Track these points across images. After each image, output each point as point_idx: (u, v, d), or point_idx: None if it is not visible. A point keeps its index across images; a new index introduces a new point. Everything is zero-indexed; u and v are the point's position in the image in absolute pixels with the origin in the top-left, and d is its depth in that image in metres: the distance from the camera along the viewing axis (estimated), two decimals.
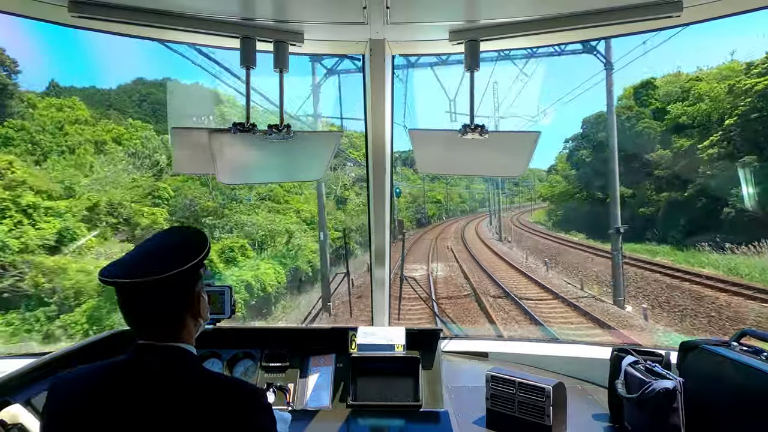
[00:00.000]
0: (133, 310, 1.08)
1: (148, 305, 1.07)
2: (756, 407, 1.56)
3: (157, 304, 1.08)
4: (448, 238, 34.92)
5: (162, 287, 1.06)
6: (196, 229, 1.22)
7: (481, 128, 1.80)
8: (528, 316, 12.12)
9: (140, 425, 0.99)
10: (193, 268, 1.10)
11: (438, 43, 1.90)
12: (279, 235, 20.96)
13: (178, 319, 1.12)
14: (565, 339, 5.82)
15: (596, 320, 11.55)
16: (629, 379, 1.84)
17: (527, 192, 65.09)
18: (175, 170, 2.36)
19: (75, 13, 1.58)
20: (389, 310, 2.72)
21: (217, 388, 1.06)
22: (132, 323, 1.09)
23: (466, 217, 61.21)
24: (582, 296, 14.51)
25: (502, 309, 13.15)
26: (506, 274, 18.49)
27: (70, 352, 2.01)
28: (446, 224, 49.92)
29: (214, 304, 2.17)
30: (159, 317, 1.09)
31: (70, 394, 1.05)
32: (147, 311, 1.08)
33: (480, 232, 38.19)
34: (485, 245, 29.14)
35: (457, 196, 71.35)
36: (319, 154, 2.05)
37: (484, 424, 1.96)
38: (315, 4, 1.62)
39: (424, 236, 34.83)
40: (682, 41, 61.81)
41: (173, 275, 1.05)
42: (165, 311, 1.09)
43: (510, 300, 14.04)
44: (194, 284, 1.15)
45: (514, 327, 11.57)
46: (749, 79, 21.80)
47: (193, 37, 1.85)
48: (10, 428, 1.51)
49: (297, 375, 2.23)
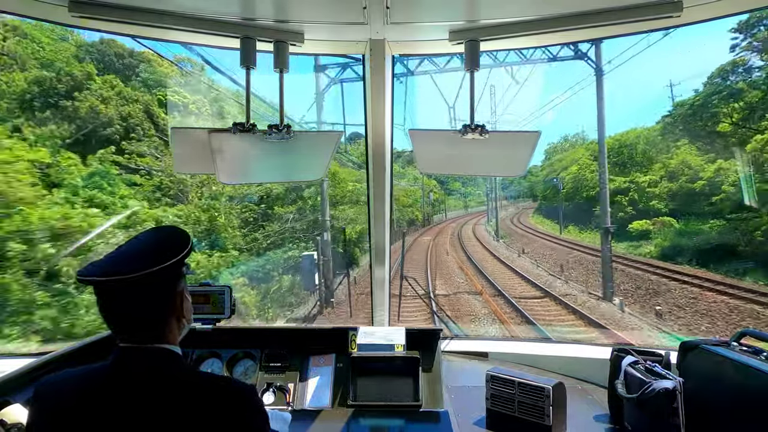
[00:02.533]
0: (111, 311, 1.05)
1: (126, 306, 1.04)
2: (756, 407, 1.56)
3: (136, 305, 1.04)
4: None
5: (139, 286, 1.02)
6: (177, 227, 1.18)
7: (482, 128, 1.80)
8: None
9: (127, 429, 0.97)
10: (173, 266, 1.06)
11: (438, 43, 1.90)
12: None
13: (159, 320, 1.08)
14: (565, 339, 5.82)
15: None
16: (629, 379, 1.84)
17: (525, 190, 65.20)
18: (176, 170, 2.36)
19: (75, 13, 1.58)
20: (389, 309, 2.72)
21: (205, 387, 1.05)
22: (111, 325, 1.05)
23: (463, 217, 61.49)
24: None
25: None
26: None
27: (69, 352, 2.01)
28: (444, 224, 49.89)
29: (213, 304, 2.17)
30: (138, 318, 1.05)
31: (54, 400, 1.03)
32: (125, 312, 1.04)
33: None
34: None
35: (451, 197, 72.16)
36: (319, 153, 2.05)
37: (484, 424, 1.96)
38: (315, 4, 1.62)
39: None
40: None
41: (150, 274, 1.01)
42: (144, 312, 1.06)
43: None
44: (175, 284, 1.11)
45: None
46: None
47: (193, 37, 1.85)
48: (10, 428, 1.51)
49: (297, 375, 2.23)
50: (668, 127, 24.66)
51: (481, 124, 1.80)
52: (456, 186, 70.92)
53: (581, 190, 31.30)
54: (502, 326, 11.68)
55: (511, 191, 65.36)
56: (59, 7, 1.60)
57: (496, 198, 40.65)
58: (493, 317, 12.52)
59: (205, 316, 2.14)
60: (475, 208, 65.71)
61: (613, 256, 14.98)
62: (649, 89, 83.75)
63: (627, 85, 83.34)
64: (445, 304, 13.69)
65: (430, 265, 20.30)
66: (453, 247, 27.01)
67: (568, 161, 40.60)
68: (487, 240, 31.36)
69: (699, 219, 20.16)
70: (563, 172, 38.03)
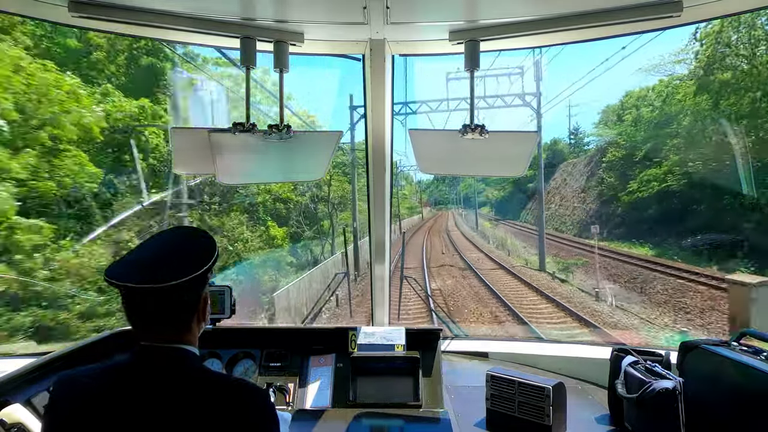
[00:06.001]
0: (141, 313, 1.07)
1: (157, 308, 1.06)
2: (756, 407, 1.56)
3: (166, 308, 1.07)
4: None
5: (174, 292, 1.05)
6: (206, 232, 1.21)
7: (481, 128, 1.80)
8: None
9: (146, 427, 0.99)
10: (204, 273, 1.10)
11: (438, 43, 1.90)
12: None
13: (184, 322, 1.11)
14: (565, 339, 5.82)
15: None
16: (629, 379, 1.84)
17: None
18: (175, 170, 2.35)
19: (75, 13, 1.58)
20: (389, 307, 2.72)
21: (221, 388, 1.06)
22: (137, 324, 1.08)
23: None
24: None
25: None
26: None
27: (70, 352, 2.01)
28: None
29: (214, 304, 2.17)
30: (166, 320, 1.08)
31: (74, 395, 1.04)
32: (155, 314, 1.07)
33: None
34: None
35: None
36: (319, 154, 2.05)
37: (484, 425, 1.96)
38: (315, 4, 1.62)
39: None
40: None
41: (187, 281, 1.05)
42: (172, 316, 1.08)
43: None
44: (202, 289, 1.14)
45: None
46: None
47: (193, 37, 1.85)
48: (10, 428, 1.51)
49: (297, 375, 2.23)
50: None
51: (480, 124, 1.80)
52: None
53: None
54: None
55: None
56: (59, 8, 1.60)
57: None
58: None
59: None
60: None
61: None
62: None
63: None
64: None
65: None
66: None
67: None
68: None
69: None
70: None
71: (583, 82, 34.53)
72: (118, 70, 15.26)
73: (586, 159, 32.99)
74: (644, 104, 26.23)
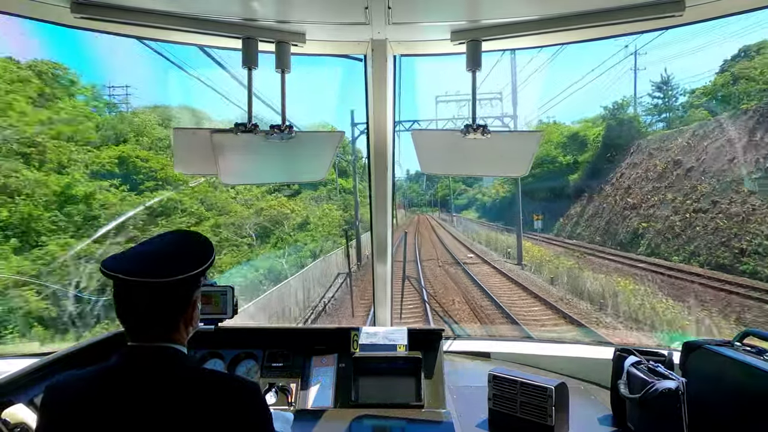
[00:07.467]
0: (131, 308, 1.08)
1: (148, 304, 1.08)
2: (759, 407, 1.55)
3: (157, 305, 1.08)
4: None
5: (164, 289, 1.07)
6: (204, 236, 1.24)
7: (483, 128, 1.80)
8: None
9: (137, 428, 0.99)
10: (198, 275, 1.12)
11: (440, 44, 1.90)
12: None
13: (172, 322, 1.12)
14: (567, 339, 5.81)
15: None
16: (632, 380, 1.83)
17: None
18: (177, 170, 2.35)
19: (77, 14, 1.58)
20: (391, 306, 2.71)
21: (210, 384, 1.07)
22: (127, 320, 1.09)
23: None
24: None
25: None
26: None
27: (72, 353, 2.01)
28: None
29: (215, 304, 2.17)
30: (156, 318, 1.09)
31: (66, 399, 1.05)
32: (145, 310, 1.08)
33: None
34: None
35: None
36: (320, 154, 2.05)
37: (487, 425, 1.96)
38: (317, 4, 1.62)
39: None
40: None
41: (180, 280, 1.07)
42: (159, 313, 1.10)
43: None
44: (193, 291, 1.16)
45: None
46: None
47: (195, 37, 1.85)
48: (13, 428, 1.51)
49: (299, 375, 2.23)
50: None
51: (483, 124, 1.80)
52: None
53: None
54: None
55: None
56: (61, 8, 1.60)
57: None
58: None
59: (208, 317, 2.14)
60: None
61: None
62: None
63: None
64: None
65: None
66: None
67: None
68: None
69: None
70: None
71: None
72: None
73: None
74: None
